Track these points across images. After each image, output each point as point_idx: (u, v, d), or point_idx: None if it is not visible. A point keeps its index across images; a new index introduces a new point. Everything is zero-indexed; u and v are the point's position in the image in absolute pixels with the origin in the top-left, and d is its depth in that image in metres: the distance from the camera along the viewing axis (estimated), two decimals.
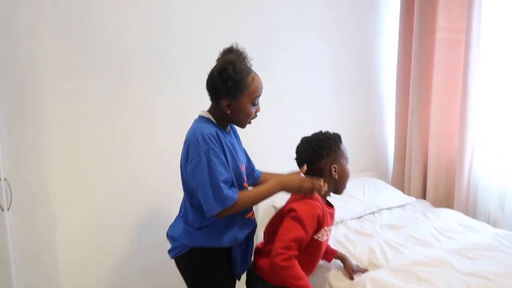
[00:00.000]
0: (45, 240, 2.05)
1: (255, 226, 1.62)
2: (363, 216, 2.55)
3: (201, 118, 1.51)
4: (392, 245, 2.10)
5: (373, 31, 3.08)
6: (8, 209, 1.69)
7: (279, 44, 2.65)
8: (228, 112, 1.47)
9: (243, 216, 1.54)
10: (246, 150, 1.78)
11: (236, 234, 1.51)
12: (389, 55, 3.14)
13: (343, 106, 2.99)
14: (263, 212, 2.62)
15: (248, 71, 1.45)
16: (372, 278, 1.80)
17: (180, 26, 2.27)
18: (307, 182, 1.50)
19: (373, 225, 2.42)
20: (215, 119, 1.51)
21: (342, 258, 1.87)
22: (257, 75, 1.49)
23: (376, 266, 1.93)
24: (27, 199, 1.97)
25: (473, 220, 2.42)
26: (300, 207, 1.51)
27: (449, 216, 2.46)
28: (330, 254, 1.87)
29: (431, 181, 2.82)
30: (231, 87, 1.41)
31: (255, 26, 2.53)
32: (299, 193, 1.52)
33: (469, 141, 2.56)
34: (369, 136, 3.17)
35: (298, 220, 1.48)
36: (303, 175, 1.57)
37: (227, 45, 1.51)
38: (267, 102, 2.65)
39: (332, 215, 1.65)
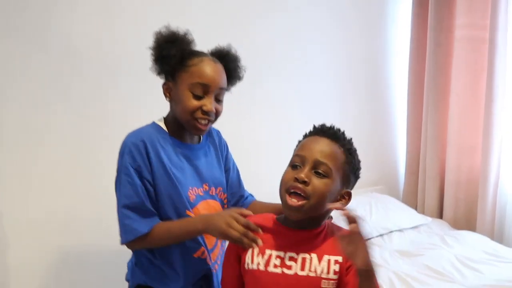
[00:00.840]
0: None
1: (208, 269, 1.18)
2: (369, 239, 2.20)
3: (152, 123, 1.19)
4: (404, 279, 1.75)
5: (381, 29, 2.75)
6: None
7: (277, 49, 2.34)
8: (168, 100, 1.17)
9: (188, 256, 1.14)
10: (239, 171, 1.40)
11: (182, 278, 1.14)
12: (399, 55, 2.81)
13: (348, 112, 2.65)
14: None
15: (199, 53, 1.15)
16: None
17: None
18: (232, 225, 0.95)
19: (382, 251, 2.07)
20: (167, 125, 1.18)
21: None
22: (215, 62, 1.14)
23: None
24: None
25: (500, 246, 2.06)
26: None
27: (472, 241, 2.10)
28: None
29: (449, 199, 2.46)
30: (158, 53, 1.12)
31: (252, 31, 2.23)
32: (228, 239, 0.98)
33: (495, 154, 2.21)
34: (377, 146, 2.82)
35: None
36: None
37: None
38: (263, 110, 2.43)
39: (291, 238, 0.96)
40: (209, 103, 1.11)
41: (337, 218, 0.96)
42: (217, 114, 1.16)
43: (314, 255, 0.91)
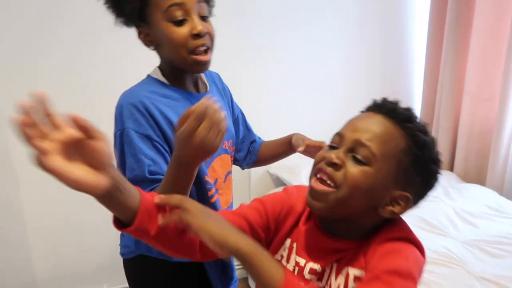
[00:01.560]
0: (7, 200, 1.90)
1: None
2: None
3: (147, 78, 1.01)
4: None
5: None
6: None
7: None
8: (152, 48, 0.98)
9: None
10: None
11: None
12: None
13: (359, 55, 2.48)
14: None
15: None
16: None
17: None
18: None
19: None
20: (164, 75, 1.00)
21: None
22: None
23: None
24: None
25: (507, 201, 1.96)
26: None
27: (477, 195, 2.01)
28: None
29: (461, 150, 2.33)
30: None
31: None
32: None
33: None
34: (393, 94, 2.63)
35: None
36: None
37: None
38: (267, 56, 2.31)
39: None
40: (196, 23, 0.90)
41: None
42: (211, 36, 0.95)
43: (334, 266, 0.70)
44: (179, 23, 0.90)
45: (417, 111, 2.70)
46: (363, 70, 2.51)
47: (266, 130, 1.35)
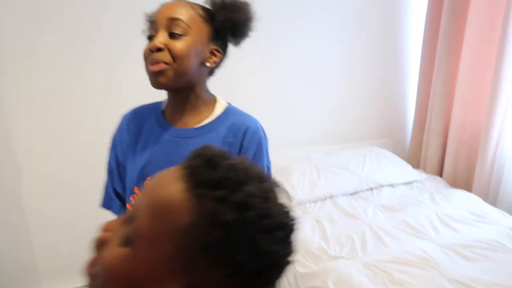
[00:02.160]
0: (9, 192, 2.00)
1: None
2: (358, 192, 2.22)
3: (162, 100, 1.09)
4: (377, 233, 1.78)
5: None
6: None
7: None
8: None
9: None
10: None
11: None
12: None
13: (358, 58, 2.55)
14: None
15: None
16: (337, 271, 1.52)
17: None
18: None
19: (367, 204, 2.09)
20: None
21: None
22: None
23: (349, 256, 1.64)
24: None
25: (491, 207, 2.01)
26: None
27: (462, 200, 2.06)
28: None
29: (450, 156, 2.39)
30: None
31: None
32: None
33: (500, 111, 2.08)
34: (387, 98, 2.72)
35: None
36: None
37: None
38: (263, 56, 2.38)
39: None
40: (155, 39, 0.88)
41: None
42: (173, 52, 0.87)
43: None
44: (149, 38, 0.91)
45: (411, 116, 2.77)
46: (361, 75, 2.57)
47: (266, 131, 1.38)
